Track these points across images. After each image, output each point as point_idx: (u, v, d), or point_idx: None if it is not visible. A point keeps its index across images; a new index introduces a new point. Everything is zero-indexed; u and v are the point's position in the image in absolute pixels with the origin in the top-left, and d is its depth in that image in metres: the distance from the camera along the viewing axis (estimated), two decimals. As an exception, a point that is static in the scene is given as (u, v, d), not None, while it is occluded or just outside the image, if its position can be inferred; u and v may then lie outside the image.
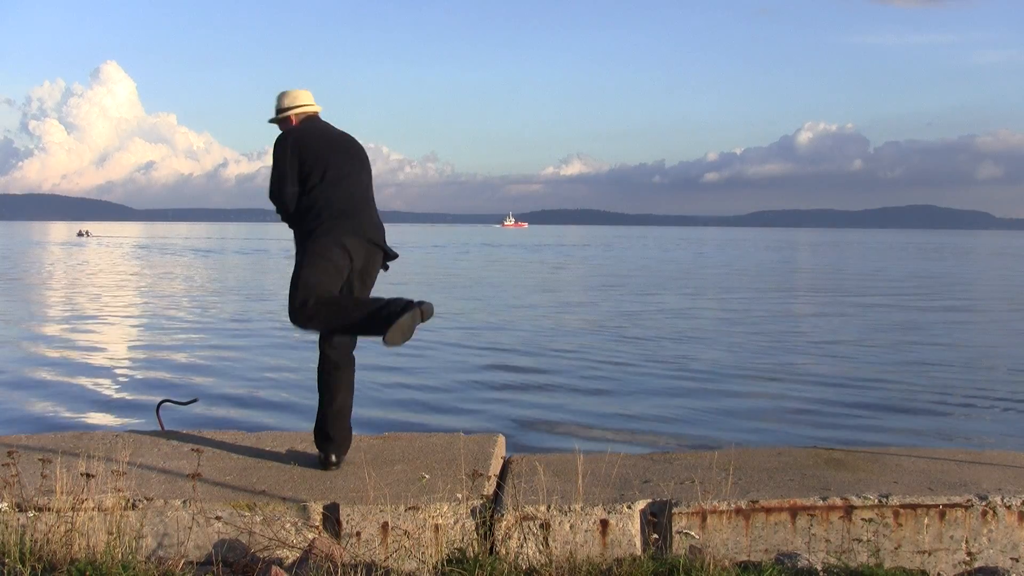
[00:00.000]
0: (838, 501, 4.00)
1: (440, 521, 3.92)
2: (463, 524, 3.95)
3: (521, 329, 18.61)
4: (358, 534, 3.86)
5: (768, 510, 4.00)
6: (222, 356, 14.76)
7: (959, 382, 12.68)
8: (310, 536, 3.89)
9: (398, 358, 13.67)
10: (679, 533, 3.94)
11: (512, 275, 39.86)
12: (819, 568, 3.71)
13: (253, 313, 21.79)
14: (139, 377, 12.81)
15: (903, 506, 4.00)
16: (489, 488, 4.19)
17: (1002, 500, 4.02)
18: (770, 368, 13.77)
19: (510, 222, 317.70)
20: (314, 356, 4.71)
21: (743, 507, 3.99)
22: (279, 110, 4.79)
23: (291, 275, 4.50)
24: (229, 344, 16.19)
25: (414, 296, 4.45)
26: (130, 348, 15.83)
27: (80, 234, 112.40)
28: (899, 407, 10.79)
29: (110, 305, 23.86)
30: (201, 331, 18.16)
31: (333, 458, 4.58)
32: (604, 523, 3.97)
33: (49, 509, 3.85)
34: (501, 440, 5.16)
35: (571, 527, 3.96)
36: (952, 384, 12.48)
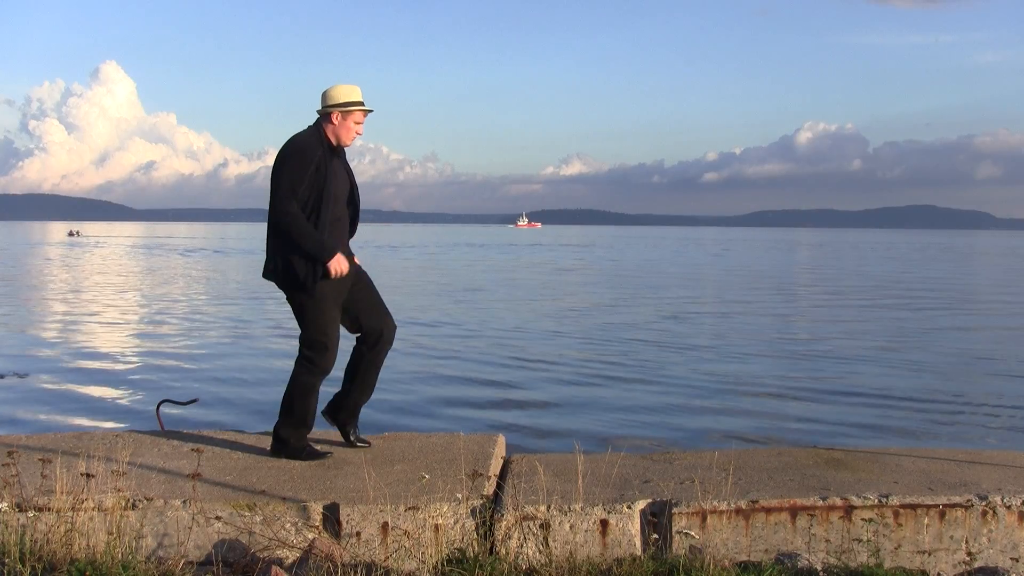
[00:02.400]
0: (838, 501, 4.00)
1: (440, 521, 3.91)
2: (463, 524, 3.95)
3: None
4: (358, 534, 3.86)
5: (768, 510, 3.99)
6: (222, 356, 14.76)
7: (959, 383, 12.68)
8: (310, 536, 3.89)
9: (401, 358, 13.65)
10: (679, 533, 3.94)
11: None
12: (819, 568, 3.71)
13: (252, 313, 21.78)
14: (139, 377, 12.81)
15: (903, 506, 3.99)
16: (489, 488, 4.19)
17: (1002, 500, 4.02)
18: (770, 368, 13.77)
19: (523, 222, 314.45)
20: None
21: (743, 507, 3.99)
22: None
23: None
24: (229, 344, 16.19)
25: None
26: (129, 349, 15.83)
27: (71, 234, 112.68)
28: (899, 407, 10.79)
29: (108, 306, 23.86)
30: (200, 332, 18.15)
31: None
32: (604, 523, 3.97)
33: (49, 509, 3.84)
34: (501, 440, 5.16)
35: (571, 527, 3.95)
36: (952, 385, 12.48)
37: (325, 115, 4.74)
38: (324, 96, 4.75)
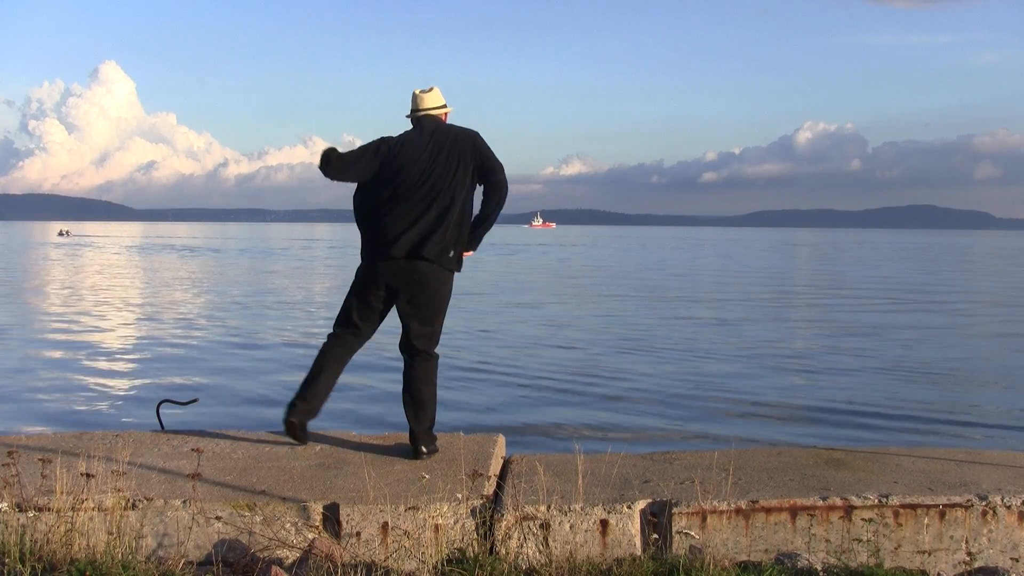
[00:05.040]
0: (838, 501, 4.00)
1: (440, 521, 3.92)
2: (463, 524, 3.95)
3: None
4: (358, 534, 3.86)
5: (768, 510, 3.99)
6: (222, 356, 14.76)
7: (959, 383, 12.69)
8: (310, 536, 3.89)
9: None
10: (679, 533, 3.94)
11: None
12: (819, 568, 3.71)
13: (251, 313, 21.78)
14: (139, 377, 12.81)
15: (903, 506, 3.99)
16: (489, 488, 4.19)
17: (1002, 500, 4.02)
18: (770, 368, 13.76)
19: (538, 222, 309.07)
20: (309, 358, 4.81)
21: (743, 507, 3.99)
22: (443, 104, 4.89)
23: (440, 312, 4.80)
24: (229, 344, 16.19)
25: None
26: (129, 349, 15.82)
27: (61, 234, 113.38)
28: (899, 407, 10.79)
29: (108, 306, 23.86)
30: (200, 331, 18.15)
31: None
32: (604, 523, 3.97)
33: (49, 509, 3.84)
34: (501, 440, 5.15)
35: (571, 527, 3.95)
36: (952, 384, 12.48)
37: (443, 114, 4.85)
38: (436, 96, 4.82)
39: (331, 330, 4.91)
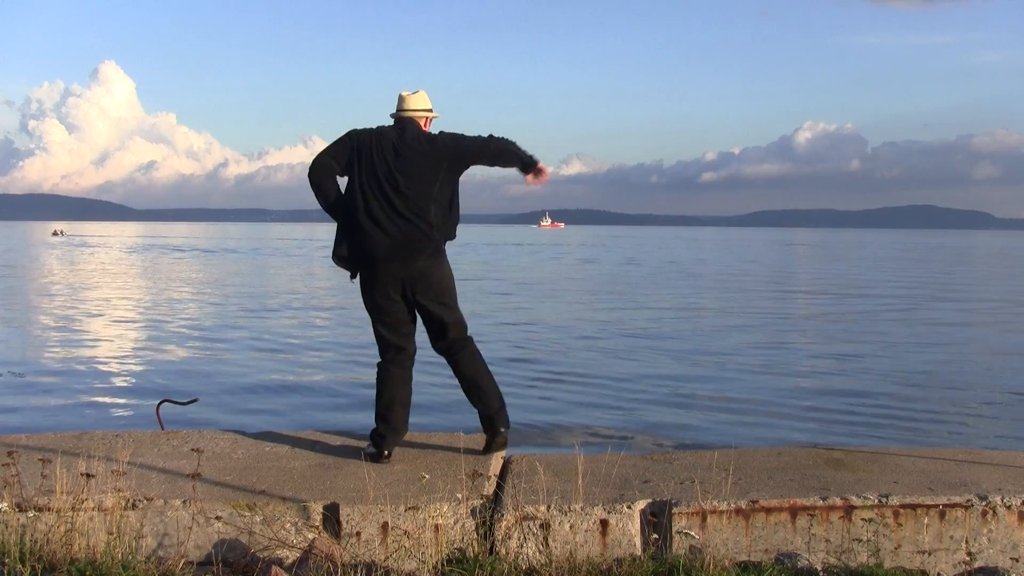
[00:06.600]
0: (838, 501, 4.00)
1: (440, 521, 3.92)
2: (463, 524, 3.95)
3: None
4: (358, 534, 3.86)
5: (768, 510, 3.99)
6: (222, 356, 14.75)
7: (959, 383, 12.67)
8: (310, 536, 3.89)
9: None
10: (679, 533, 3.94)
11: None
12: (819, 568, 3.71)
13: (250, 313, 21.78)
14: (139, 377, 12.81)
15: (903, 506, 3.99)
16: (489, 488, 4.19)
17: (1002, 500, 4.02)
18: (770, 368, 13.76)
19: (547, 222, 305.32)
20: (309, 358, 4.77)
21: (743, 507, 3.99)
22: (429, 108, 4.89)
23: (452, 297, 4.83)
24: (228, 344, 16.18)
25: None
26: (129, 349, 15.83)
27: (55, 234, 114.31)
28: (899, 407, 10.78)
29: (108, 306, 23.87)
30: (199, 331, 18.15)
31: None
32: (604, 523, 3.97)
33: (49, 509, 3.85)
34: (501, 440, 5.15)
35: (571, 527, 3.96)
36: (952, 384, 12.47)
37: (424, 118, 4.83)
38: (420, 98, 4.81)
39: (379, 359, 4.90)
